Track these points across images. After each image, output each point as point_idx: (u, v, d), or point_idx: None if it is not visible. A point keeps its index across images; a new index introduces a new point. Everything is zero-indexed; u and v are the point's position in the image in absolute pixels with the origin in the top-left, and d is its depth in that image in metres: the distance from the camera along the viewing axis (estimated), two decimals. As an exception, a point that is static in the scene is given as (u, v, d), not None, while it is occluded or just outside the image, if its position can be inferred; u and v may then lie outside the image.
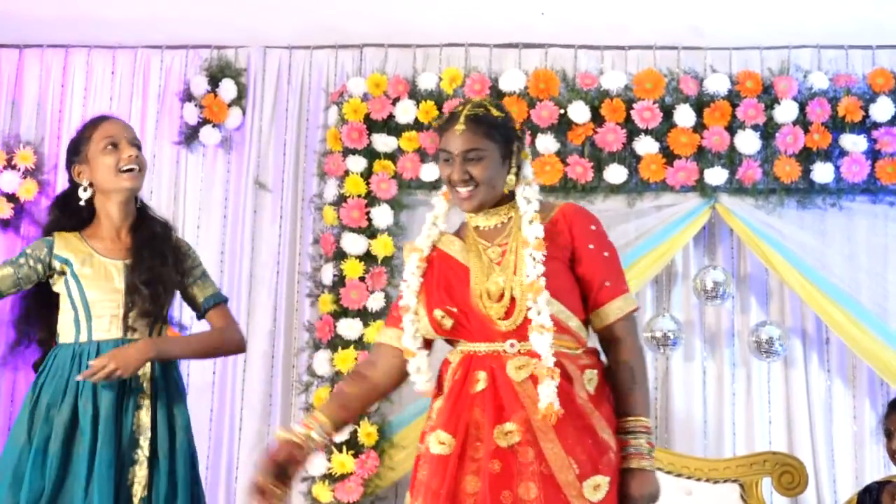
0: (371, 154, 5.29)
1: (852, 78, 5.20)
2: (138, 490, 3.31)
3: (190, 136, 5.48)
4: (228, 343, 3.62)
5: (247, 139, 5.53)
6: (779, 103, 5.16)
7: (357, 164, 5.25)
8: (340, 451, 5.05)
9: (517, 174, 3.07)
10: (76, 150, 3.51)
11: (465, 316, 3.01)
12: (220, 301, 3.63)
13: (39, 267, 3.42)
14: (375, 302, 5.18)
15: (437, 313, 3.01)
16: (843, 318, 5.03)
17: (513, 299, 2.97)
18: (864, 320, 5.04)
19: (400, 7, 5.46)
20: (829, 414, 5.24)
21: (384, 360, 3.13)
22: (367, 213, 5.24)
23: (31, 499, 3.25)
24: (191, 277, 3.58)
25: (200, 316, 3.63)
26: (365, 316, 5.18)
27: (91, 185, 3.48)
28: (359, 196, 5.24)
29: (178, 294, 3.62)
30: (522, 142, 3.12)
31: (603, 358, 3.05)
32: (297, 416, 5.26)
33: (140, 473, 3.32)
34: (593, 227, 3.07)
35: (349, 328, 5.15)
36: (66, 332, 3.42)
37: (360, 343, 5.16)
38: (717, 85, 5.20)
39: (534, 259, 2.95)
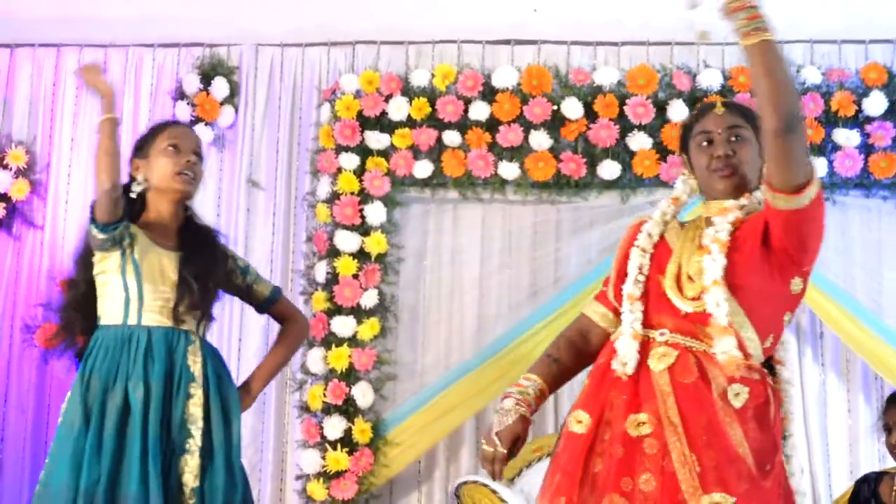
0: (364, 151, 5.30)
1: (845, 72, 5.23)
2: (189, 479, 3.32)
3: None
4: (302, 330, 3.89)
5: (239, 137, 5.53)
6: (772, 98, 5.15)
7: (350, 161, 5.25)
8: (335, 448, 5.06)
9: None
10: (139, 147, 3.58)
11: (646, 290, 2.98)
12: (280, 293, 3.83)
13: (126, 232, 3.44)
14: (369, 299, 5.19)
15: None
16: (838, 313, 5.05)
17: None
18: (859, 315, 5.04)
19: (392, 4, 5.54)
20: (823, 408, 5.24)
21: (596, 337, 3.12)
22: (361, 210, 5.24)
23: (89, 483, 3.26)
24: (249, 276, 3.72)
25: (263, 310, 3.81)
26: (359, 313, 5.19)
27: (146, 180, 3.55)
28: (352, 193, 5.24)
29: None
30: None
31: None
32: (292, 413, 5.28)
33: (192, 463, 3.34)
34: None
35: (343, 326, 5.15)
36: (112, 313, 3.44)
37: (353, 340, 5.17)
38: (710, 80, 5.21)
39: (714, 251, 2.89)
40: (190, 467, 3.33)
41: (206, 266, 3.51)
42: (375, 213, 5.24)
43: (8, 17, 5.56)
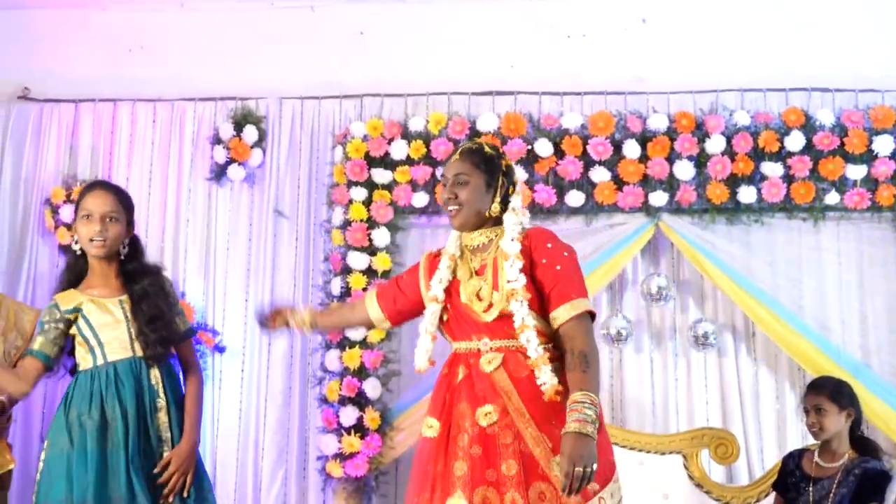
0: (371, 185, 5.35)
1: (770, 116, 5.27)
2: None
3: (219, 173, 5.53)
4: (201, 382, 3.69)
5: (267, 175, 5.57)
6: (709, 137, 5.22)
7: (359, 194, 5.32)
8: (349, 433, 5.10)
9: (502, 203, 3.11)
10: (74, 212, 3.60)
11: (455, 315, 3.11)
12: (192, 334, 3.77)
13: (62, 325, 3.47)
14: (376, 309, 5.27)
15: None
16: (767, 315, 5.09)
17: (491, 302, 3.05)
18: (784, 317, 5.08)
19: (393, 63, 5.59)
20: (755, 395, 5.29)
21: (360, 314, 3.41)
22: (369, 234, 5.28)
23: (80, 491, 3.31)
24: (175, 309, 3.65)
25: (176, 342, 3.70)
26: (368, 321, 5.29)
27: (77, 242, 3.57)
28: (361, 220, 5.29)
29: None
30: (509, 177, 3.14)
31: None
32: (313, 404, 5.30)
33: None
34: (549, 245, 3.08)
35: (355, 331, 5.15)
36: (84, 361, 3.49)
37: (364, 343, 5.22)
38: (658, 123, 5.26)
39: (511, 267, 3.01)
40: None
41: (158, 308, 3.49)
42: (381, 236, 5.28)
43: (72, 78, 5.67)
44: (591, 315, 3.08)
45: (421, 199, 5.35)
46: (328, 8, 5.67)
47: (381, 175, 5.35)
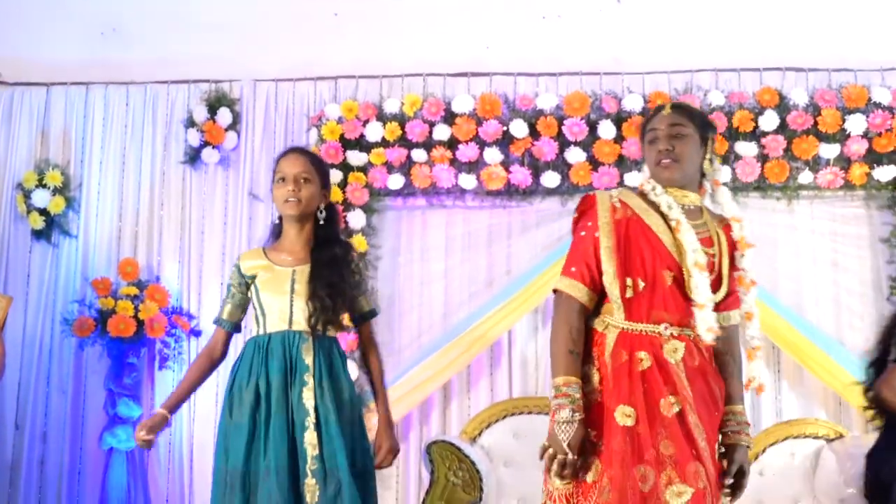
0: (346, 167, 5.30)
1: (744, 95, 5.23)
2: (309, 449, 3.33)
3: (193, 156, 5.46)
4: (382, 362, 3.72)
5: (241, 158, 5.51)
6: (684, 118, 5.16)
7: (334, 176, 5.20)
8: None
9: (711, 161, 2.97)
10: (271, 181, 3.62)
11: (649, 289, 2.84)
12: (374, 315, 3.72)
13: (244, 288, 3.51)
14: (353, 290, 5.16)
15: (628, 281, 2.83)
16: None
17: (720, 277, 2.89)
18: (759, 295, 4.75)
19: (367, 44, 5.51)
20: None
21: (586, 316, 2.88)
22: (344, 216, 5.22)
23: (234, 462, 3.35)
24: (357, 290, 3.61)
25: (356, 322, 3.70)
26: (344, 303, 5.14)
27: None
28: (337, 203, 5.18)
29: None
30: (715, 134, 3.01)
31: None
32: None
33: (310, 436, 3.33)
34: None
35: None
36: (253, 328, 3.51)
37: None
38: (633, 104, 5.21)
39: (746, 258, 2.95)
40: (309, 440, 3.33)
41: (336, 286, 3.43)
42: (357, 219, 5.24)
43: (43, 61, 5.56)
44: None
45: (396, 181, 5.30)
46: (302, -11, 5.65)
47: (356, 157, 5.31)
